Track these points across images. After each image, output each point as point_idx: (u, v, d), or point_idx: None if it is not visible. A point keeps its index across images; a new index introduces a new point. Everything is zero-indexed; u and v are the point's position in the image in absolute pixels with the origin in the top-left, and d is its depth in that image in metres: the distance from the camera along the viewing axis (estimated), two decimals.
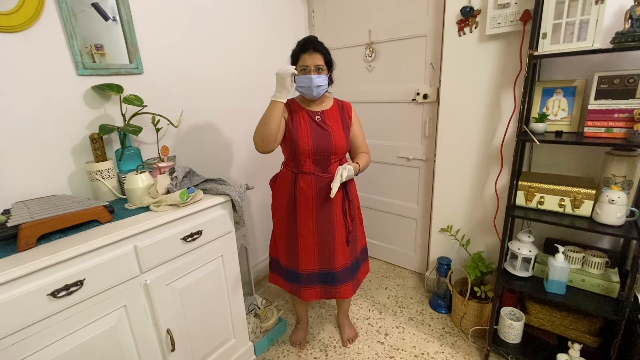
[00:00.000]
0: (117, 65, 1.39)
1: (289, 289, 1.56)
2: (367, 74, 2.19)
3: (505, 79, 1.61)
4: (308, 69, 1.30)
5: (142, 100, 1.40)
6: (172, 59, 1.60)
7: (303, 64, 1.30)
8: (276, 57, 2.16)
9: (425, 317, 1.92)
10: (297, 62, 1.32)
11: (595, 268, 1.38)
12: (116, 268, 1.04)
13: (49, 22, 1.20)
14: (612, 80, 1.24)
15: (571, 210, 1.32)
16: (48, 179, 1.27)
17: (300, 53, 1.31)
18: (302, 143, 1.35)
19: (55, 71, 1.24)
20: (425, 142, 2.05)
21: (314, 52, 1.29)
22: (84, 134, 1.34)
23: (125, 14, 1.39)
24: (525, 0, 1.44)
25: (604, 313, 1.27)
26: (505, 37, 1.55)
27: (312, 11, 2.34)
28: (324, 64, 1.32)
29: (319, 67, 1.31)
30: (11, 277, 0.84)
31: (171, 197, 1.22)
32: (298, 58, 1.32)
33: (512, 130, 1.63)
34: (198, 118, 1.77)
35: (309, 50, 1.29)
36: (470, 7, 1.60)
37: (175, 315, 1.25)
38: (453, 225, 1.97)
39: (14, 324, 0.86)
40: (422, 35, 1.89)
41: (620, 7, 1.26)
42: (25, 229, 0.94)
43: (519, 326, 1.51)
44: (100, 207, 1.11)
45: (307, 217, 1.42)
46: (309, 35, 1.36)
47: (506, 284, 1.46)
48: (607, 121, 1.24)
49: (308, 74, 1.30)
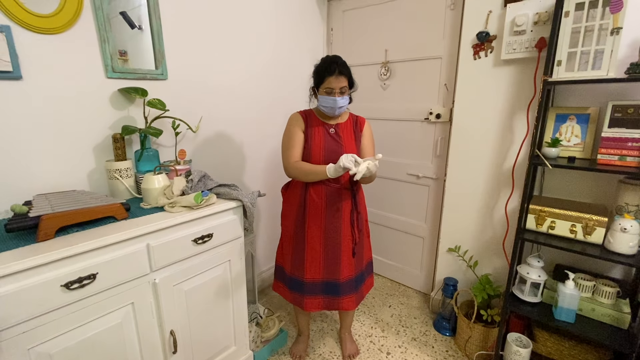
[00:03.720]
0: (144, 70, 1.46)
1: (291, 299, 1.55)
2: (382, 91, 2.23)
3: (518, 103, 1.63)
4: (333, 92, 1.34)
5: (164, 105, 1.45)
6: (196, 68, 1.67)
7: (329, 86, 1.34)
8: (294, 71, 2.23)
9: (428, 339, 1.89)
10: (322, 82, 1.35)
11: (607, 298, 1.35)
12: (128, 265, 1.06)
13: (85, 26, 1.27)
14: (627, 109, 1.25)
15: (582, 236, 1.31)
16: (69, 174, 1.31)
17: (326, 74, 1.34)
18: (315, 154, 1.38)
19: (87, 72, 1.30)
20: (436, 161, 2.07)
21: (339, 76, 1.33)
22: (107, 133, 1.39)
23: (155, 23, 1.46)
24: (541, 28, 1.47)
25: (614, 345, 1.23)
26: (520, 62, 1.59)
27: (331, 29, 2.42)
28: (347, 85, 1.37)
29: (343, 89, 1.35)
30: (28, 266, 0.87)
31: (186, 199, 1.25)
32: (323, 78, 1.35)
33: (524, 154, 1.64)
34: (216, 125, 1.82)
35: (335, 74, 1.32)
36: (486, 32, 1.64)
37: (180, 316, 1.25)
38: (461, 246, 1.96)
39: (26, 312, 0.88)
40: (438, 57, 1.94)
41: (634, 39, 1.29)
42: (46, 220, 0.97)
43: (525, 353, 1.47)
44: (117, 204, 1.14)
45: (316, 226, 1.43)
46: (334, 56, 1.37)
47: (514, 309, 1.44)
48: (620, 149, 1.25)
49: (333, 95, 1.34)
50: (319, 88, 1.38)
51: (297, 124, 1.42)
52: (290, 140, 1.42)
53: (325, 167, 1.29)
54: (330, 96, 1.35)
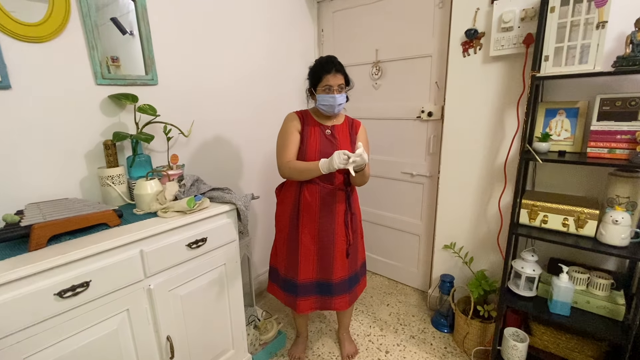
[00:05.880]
0: (134, 76, 1.46)
1: (285, 301, 1.55)
2: (373, 91, 2.24)
3: (508, 99, 1.64)
4: (332, 89, 1.35)
5: (155, 110, 1.45)
6: (186, 72, 1.67)
7: (327, 84, 1.35)
8: (286, 73, 2.23)
9: (427, 336, 1.89)
10: (320, 81, 1.37)
11: (601, 290, 1.36)
12: (122, 271, 1.06)
13: (73, 33, 1.27)
14: (614, 102, 1.26)
15: (575, 229, 1.32)
16: (61, 183, 1.31)
17: (323, 73, 1.35)
18: (310, 154, 1.38)
19: (76, 80, 1.30)
20: (429, 159, 2.07)
21: (337, 73, 1.35)
22: (98, 140, 1.38)
23: (144, 28, 1.46)
24: (527, 24, 1.49)
25: (609, 336, 1.24)
26: (509, 58, 1.60)
27: (321, 30, 2.42)
28: (344, 83, 1.38)
29: (341, 86, 1.37)
30: (21, 275, 0.86)
31: (178, 203, 1.25)
32: (321, 77, 1.36)
33: (516, 149, 1.65)
34: (208, 129, 1.82)
35: (332, 72, 1.34)
36: (474, 29, 1.65)
37: (176, 322, 1.25)
38: (456, 242, 1.96)
39: (19, 322, 0.87)
40: (428, 55, 1.95)
41: (621, 33, 1.30)
42: (37, 229, 0.97)
43: (522, 347, 1.48)
44: (109, 211, 1.13)
45: (309, 226, 1.43)
46: (328, 56, 1.40)
47: (510, 303, 1.44)
48: (609, 142, 1.26)
49: (331, 93, 1.36)
50: (317, 87, 1.38)
51: (293, 123, 1.42)
52: (284, 140, 1.41)
53: (319, 162, 1.28)
54: (329, 94, 1.36)
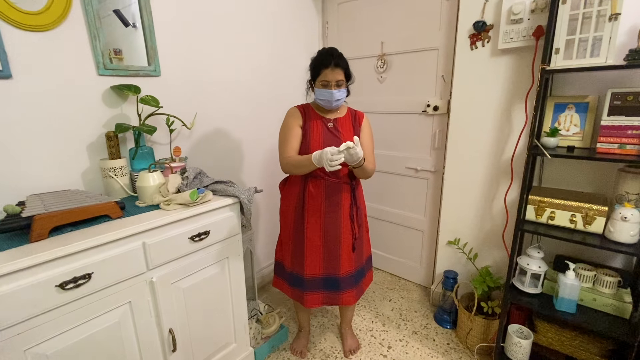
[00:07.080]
0: (136, 67, 1.44)
1: (291, 294, 1.54)
2: (378, 84, 2.21)
3: (516, 93, 1.61)
4: (329, 84, 1.32)
5: (158, 101, 1.43)
6: (189, 64, 1.65)
7: (325, 79, 1.32)
8: (289, 66, 2.21)
9: (429, 332, 1.88)
10: (318, 75, 1.33)
11: (607, 287, 1.34)
12: (124, 263, 1.05)
13: (74, 22, 1.25)
14: (626, 97, 1.23)
15: (582, 226, 1.29)
16: (63, 174, 1.30)
17: (322, 67, 1.31)
18: (314, 148, 1.36)
19: (78, 70, 1.28)
20: (434, 154, 2.05)
21: (335, 68, 1.30)
22: (101, 131, 1.37)
23: (147, 19, 1.44)
24: (538, 17, 1.45)
25: (616, 334, 1.23)
26: (518, 51, 1.57)
27: (326, 22, 2.39)
28: (344, 78, 1.34)
29: (340, 82, 1.33)
30: (21, 267, 0.85)
31: (181, 196, 1.23)
32: (319, 71, 1.33)
33: (523, 144, 1.62)
34: (210, 122, 1.80)
35: (330, 66, 1.30)
36: (483, 21, 1.62)
37: (178, 315, 1.24)
38: (460, 238, 1.95)
39: (20, 314, 0.86)
40: (434, 48, 1.92)
41: (633, 26, 1.27)
42: (38, 220, 0.96)
43: (526, 344, 1.47)
44: (112, 202, 1.12)
45: (315, 221, 1.42)
46: (330, 48, 1.35)
47: (514, 300, 1.43)
48: (620, 137, 1.23)
49: (329, 88, 1.32)
50: (315, 81, 1.36)
51: (295, 118, 1.40)
52: (285, 135, 1.40)
53: (311, 155, 1.24)
54: (327, 89, 1.33)
